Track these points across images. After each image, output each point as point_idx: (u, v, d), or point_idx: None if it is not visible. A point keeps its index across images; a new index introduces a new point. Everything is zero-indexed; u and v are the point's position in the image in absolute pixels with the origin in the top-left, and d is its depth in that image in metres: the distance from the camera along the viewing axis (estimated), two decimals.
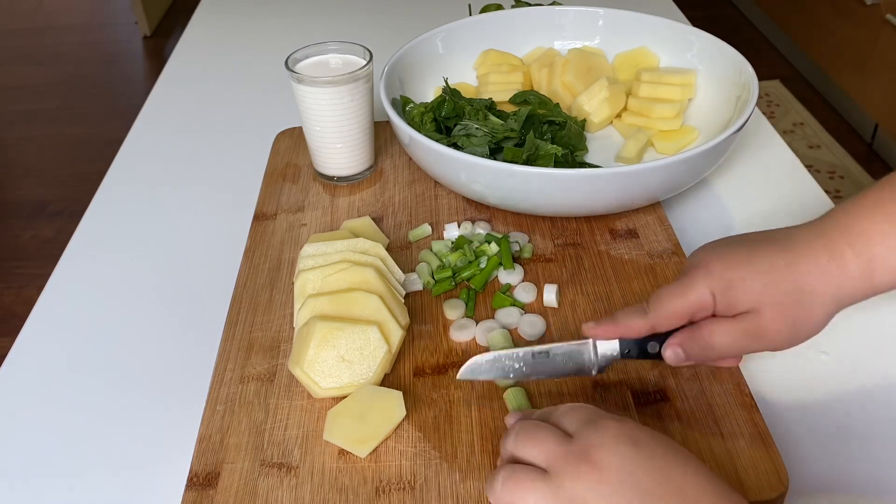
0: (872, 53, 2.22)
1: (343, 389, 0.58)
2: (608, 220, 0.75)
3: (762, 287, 0.50)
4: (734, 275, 0.51)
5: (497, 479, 0.45)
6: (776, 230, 0.54)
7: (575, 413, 0.47)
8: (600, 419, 0.45)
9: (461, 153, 0.70)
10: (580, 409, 0.47)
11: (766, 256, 0.51)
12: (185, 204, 0.87)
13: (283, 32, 1.25)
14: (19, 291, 2.04)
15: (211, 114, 1.05)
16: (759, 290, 0.50)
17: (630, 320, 0.54)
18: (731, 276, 0.51)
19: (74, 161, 2.54)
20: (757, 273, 0.51)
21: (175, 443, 0.60)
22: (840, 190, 2.19)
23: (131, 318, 0.72)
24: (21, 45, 3.34)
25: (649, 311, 0.53)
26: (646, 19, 0.93)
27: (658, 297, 0.53)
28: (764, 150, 0.90)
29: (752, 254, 0.52)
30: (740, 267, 0.51)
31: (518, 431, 0.47)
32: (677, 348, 0.53)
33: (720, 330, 0.52)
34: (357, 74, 0.77)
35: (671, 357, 0.53)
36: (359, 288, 0.61)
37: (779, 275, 0.50)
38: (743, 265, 0.51)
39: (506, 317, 0.65)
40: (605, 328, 0.54)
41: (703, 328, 0.52)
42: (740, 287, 0.51)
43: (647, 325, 0.53)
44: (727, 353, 0.53)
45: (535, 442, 0.45)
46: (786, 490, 0.51)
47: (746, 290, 0.51)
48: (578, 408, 0.47)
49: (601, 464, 0.42)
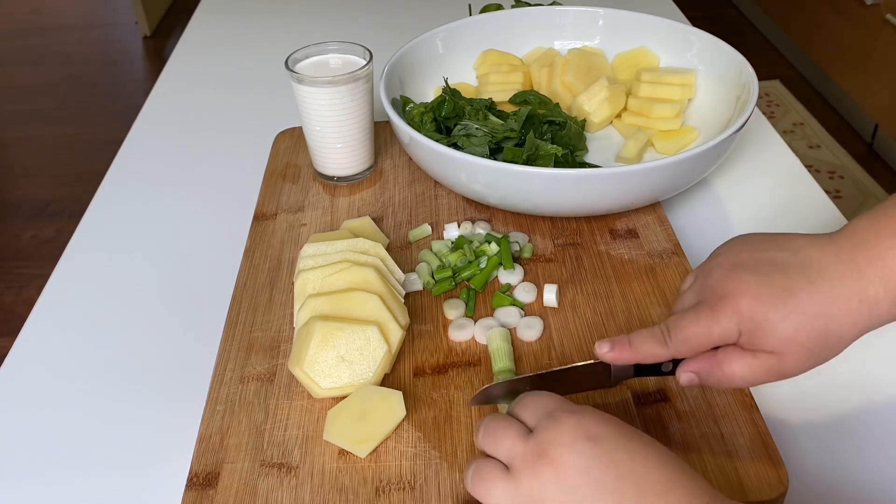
0: (872, 53, 2.22)
1: (343, 389, 0.58)
2: (608, 220, 0.75)
3: (792, 333, 0.48)
4: (765, 318, 0.48)
5: (468, 472, 0.46)
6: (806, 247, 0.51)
7: (534, 405, 0.47)
8: (559, 412, 0.45)
9: (461, 153, 0.70)
10: (539, 401, 0.47)
11: (797, 297, 0.48)
12: (185, 204, 0.87)
13: (283, 32, 1.25)
14: (19, 291, 2.04)
15: (211, 114, 1.05)
16: (788, 336, 0.48)
17: (649, 348, 0.51)
18: (761, 318, 0.48)
19: (74, 161, 2.54)
20: (787, 316, 0.48)
21: (175, 443, 0.60)
22: (840, 190, 2.19)
23: (131, 318, 0.72)
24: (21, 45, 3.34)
25: (670, 342, 0.50)
26: (646, 19, 0.93)
27: (680, 327, 0.50)
28: (764, 150, 0.90)
29: (785, 294, 0.48)
30: (771, 308, 0.48)
31: (484, 427, 0.47)
32: (693, 375, 0.51)
33: (740, 365, 0.50)
34: (357, 74, 0.77)
35: (685, 381, 0.52)
36: (359, 288, 0.61)
37: (809, 321, 0.48)
38: (775, 306, 0.48)
39: (504, 316, 0.65)
40: (621, 352, 0.52)
41: (723, 360, 0.50)
42: (769, 330, 0.48)
43: (667, 355, 0.51)
44: (743, 385, 0.51)
45: (496, 438, 0.46)
46: (786, 490, 0.51)
47: (775, 335, 0.48)
48: (537, 399, 0.47)
49: (558, 461, 0.43)
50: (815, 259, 0.49)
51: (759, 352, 0.49)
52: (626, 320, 0.64)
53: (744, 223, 0.79)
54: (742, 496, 0.51)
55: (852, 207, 2.12)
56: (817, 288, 0.48)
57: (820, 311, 0.48)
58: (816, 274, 0.49)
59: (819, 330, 0.48)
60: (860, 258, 0.49)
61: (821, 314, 0.48)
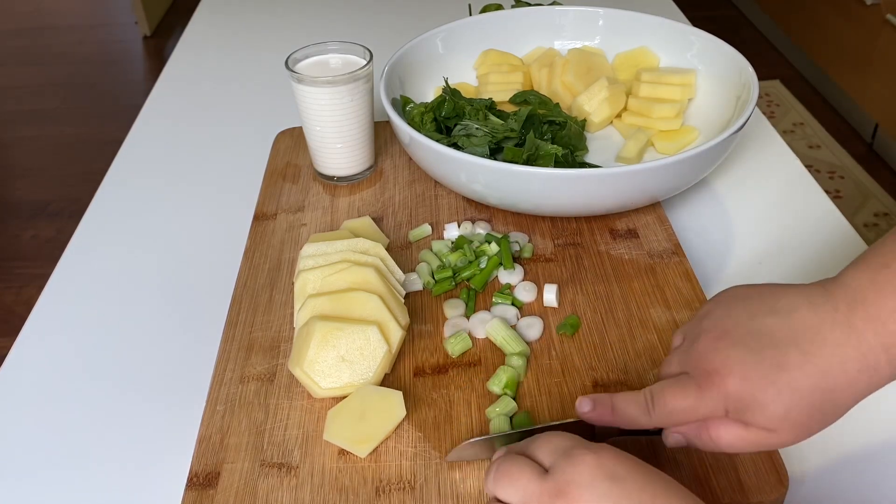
0: (872, 53, 2.22)
1: (343, 389, 0.58)
2: (608, 220, 0.75)
3: (783, 413, 0.44)
4: (753, 399, 0.45)
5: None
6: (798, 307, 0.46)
7: (550, 443, 0.45)
8: (576, 451, 0.43)
9: (461, 153, 0.70)
10: (555, 439, 0.45)
11: (790, 374, 0.44)
12: (185, 204, 0.87)
13: (283, 32, 1.25)
14: (19, 291, 2.04)
15: (211, 114, 1.05)
16: (779, 416, 0.44)
17: (631, 415, 0.48)
18: (749, 400, 0.45)
19: (74, 161, 2.54)
20: (778, 396, 0.44)
21: (175, 443, 0.60)
22: (840, 190, 2.19)
23: (131, 318, 0.72)
24: (21, 45, 3.34)
25: (653, 413, 0.48)
26: (646, 19, 0.93)
27: (664, 399, 0.47)
28: (764, 150, 0.90)
29: (776, 371, 0.44)
30: (760, 389, 0.44)
31: (496, 469, 0.45)
32: (680, 437, 0.49)
33: (729, 434, 0.46)
34: (357, 74, 0.77)
35: (672, 443, 0.49)
36: (359, 288, 0.61)
37: (802, 398, 0.44)
38: (764, 387, 0.44)
39: (501, 313, 0.65)
40: (602, 415, 0.49)
41: (711, 429, 0.47)
42: (759, 410, 0.45)
43: (649, 424, 0.48)
44: (732, 451, 0.48)
45: (510, 480, 0.44)
46: (786, 490, 0.51)
47: (766, 415, 0.45)
48: (553, 437, 0.45)
49: (578, 501, 0.41)
50: (809, 325, 0.45)
51: (750, 425, 0.46)
52: (626, 320, 0.64)
53: (744, 223, 0.79)
54: (742, 496, 0.51)
55: (852, 207, 2.13)
56: (811, 361, 0.44)
57: (815, 385, 0.44)
58: (810, 343, 0.45)
59: (815, 406, 0.45)
60: (858, 320, 0.44)
61: (816, 389, 0.44)
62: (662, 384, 0.48)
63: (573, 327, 0.63)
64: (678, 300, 0.66)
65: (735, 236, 0.78)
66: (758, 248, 0.76)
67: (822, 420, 0.46)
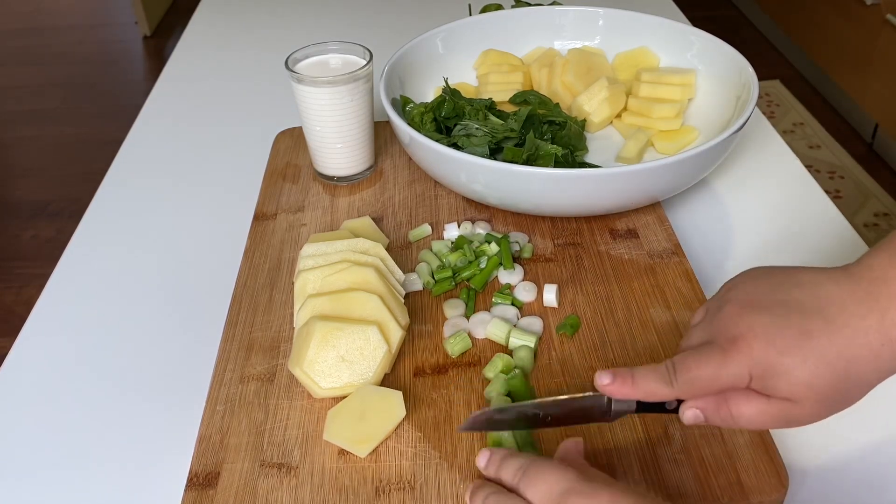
0: (872, 53, 2.22)
1: (343, 389, 0.58)
2: (608, 220, 0.75)
3: (808, 379, 0.44)
4: (779, 363, 0.44)
5: None
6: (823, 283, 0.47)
7: (544, 483, 0.44)
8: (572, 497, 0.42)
9: (461, 153, 0.70)
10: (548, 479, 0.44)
11: (815, 340, 0.44)
12: (185, 204, 0.87)
13: (283, 32, 1.25)
14: (19, 291, 2.04)
15: (211, 114, 1.05)
16: (804, 383, 0.44)
17: (652, 386, 0.47)
18: (775, 363, 0.44)
19: (74, 161, 2.54)
20: (804, 362, 0.44)
21: (175, 443, 0.60)
22: (840, 190, 2.19)
23: (131, 318, 0.72)
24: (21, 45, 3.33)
25: (675, 382, 0.47)
26: (646, 19, 0.93)
27: (686, 366, 0.47)
28: (764, 150, 0.90)
29: (802, 337, 0.45)
30: (787, 353, 0.44)
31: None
32: (699, 412, 0.48)
33: (750, 408, 0.46)
34: (357, 74, 0.77)
35: (690, 418, 0.48)
36: (359, 288, 0.61)
37: (827, 366, 0.44)
38: (791, 351, 0.44)
39: (501, 313, 0.65)
40: (622, 387, 0.48)
41: (731, 402, 0.47)
42: (784, 377, 0.44)
43: (671, 395, 0.47)
44: (751, 428, 0.48)
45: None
46: (786, 490, 0.51)
47: (790, 381, 0.44)
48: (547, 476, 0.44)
49: None
50: (834, 298, 0.46)
51: (771, 398, 0.46)
52: (626, 320, 0.64)
53: (744, 223, 0.79)
54: (742, 496, 0.51)
55: (852, 207, 2.12)
56: (837, 330, 0.45)
57: (840, 354, 0.44)
58: (836, 314, 0.45)
59: (839, 375, 0.44)
60: (882, 297, 0.45)
61: (840, 357, 0.44)
62: (685, 353, 0.48)
63: (573, 327, 0.63)
64: (678, 300, 0.66)
65: (735, 236, 0.78)
66: (758, 248, 0.76)
67: (846, 393, 0.45)
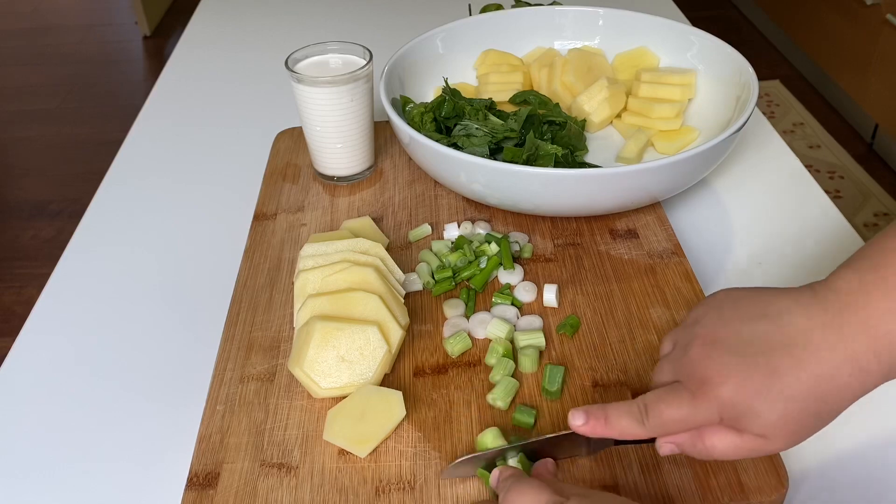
0: (872, 53, 2.22)
1: (343, 389, 0.58)
2: (608, 220, 0.75)
3: (777, 419, 0.44)
4: (748, 407, 0.45)
5: None
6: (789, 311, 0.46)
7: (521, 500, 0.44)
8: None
9: (461, 153, 0.70)
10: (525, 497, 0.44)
11: (783, 381, 0.44)
12: (185, 204, 0.87)
13: (283, 32, 1.25)
14: (19, 291, 2.04)
15: (211, 114, 1.05)
16: (773, 423, 0.45)
17: (625, 425, 0.48)
18: (744, 408, 0.45)
19: (74, 161, 2.54)
20: (773, 404, 0.44)
21: (175, 443, 0.60)
22: (840, 190, 2.19)
23: (131, 317, 0.72)
24: (21, 45, 3.34)
25: (647, 423, 0.47)
26: (646, 19, 0.93)
27: (658, 410, 0.47)
28: (764, 150, 0.90)
29: (769, 378, 0.44)
30: (756, 396, 0.44)
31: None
32: (674, 447, 0.49)
33: (724, 442, 0.47)
34: (357, 74, 0.77)
35: (666, 452, 0.49)
36: (359, 288, 0.61)
37: (796, 404, 0.44)
38: (760, 393, 0.44)
39: (501, 313, 0.65)
40: (595, 427, 0.48)
41: (706, 436, 0.47)
42: (754, 419, 0.45)
43: (644, 434, 0.48)
44: (726, 458, 0.48)
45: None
46: (786, 491, 0.51)
47: (760, 423, 0.45)
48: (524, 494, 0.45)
49: None
50: (801, 330, 0.45)
51: (744, 433, 0.46)
52: (626, 320, 0.64)
53: (744, 223, 0.79)
54: (742, 496, 0.51)
55: (852, 207, 2.13)
56: (804, 367, 0.44)
57: (808, 392, 0.44)
58: (802, 349, 0.45)
59: (807, 411, 0.45)
60: (849, 324, 0.45)
61: (809, 396, 0.44)
62: (656, 394, 0.48)
63: (573, 327, 0.63)
64: (678, 300, 0.66)
65: (735, 236, 0.78)
66: (758, 248, 0.76)
67: (815, 424, 0.46)
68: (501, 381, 0.58)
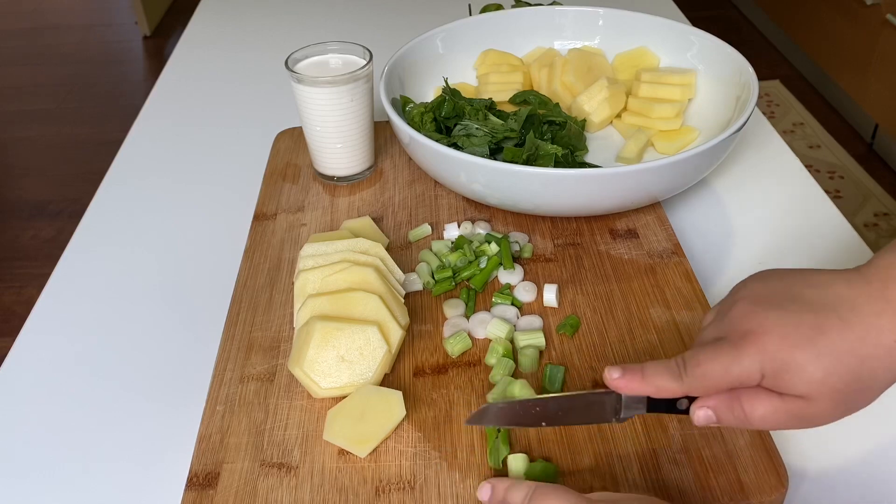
0: (872, 53, 2.22)
1: (343, 389, 0.58)
2: (608, 220, 0.75)
3: (822, 375, 0.44)
4: (792, 359, 0.44)
5: None
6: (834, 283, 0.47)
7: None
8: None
9: (461, 153, 0.70)
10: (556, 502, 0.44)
11: (828, 336, 0.44)
12: (185, 204, 0.87)
13: (283, 32, 1.25)
14: (19, 291, 2.04)
15: (211, 114, 1.05)
16: (818, 379, 0.44)
17: (661, 381, 0.47)
18: (789, 359, 0.44)
19: (74, 161, 2.54)
20: (817, 358, 0.44)
21: (175, 443, 0.60)
22: (840, 190, 2.19)
23: (131, 317, 0.72)
24: (21, 45, 3.34)
25: (685, 377, 0.46)
26: (646, 19, 0.93)
27: (697, 361, 0.46)
28: (764, 150, 0.90)
29: (815, 333, 0.44)
30: (800, 348, 0.44)
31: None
32: (710, 412, 0.47)
33: (763, 407, 0.45)
34: (357, 74, 0.77)
35: (701, 419, 0.47)
36: (359, 288, 0.61)
37: (841, 362, 0.44)
38: (804, 347, 0.44)
39: (501, 313, 0.65)
40: (631, 382, 0.47)
41: (744, 399, 0.46)
42: (797, 373, 0.44)
43: (680, 391, 0.47)
44: (764, 427, 0.46)
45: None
46: (786, 490, 0.51)
47: (804, 378, 0.44)
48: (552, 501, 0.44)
49: None
50: (846, 297, 0.45)
51: (785, 395, 0.45)
52: (626, 320, 0.64)
53: (744, 223, 0.79)
54: (742, 496, 0.51)
55: (852, 207, 2.12)
56: (850, 328, 0.44)
57: (853, 351, 0.44)
58: (848, 311, 0.45)
59: (852, 373, 0.44)
60: (893, 296, 0.45)
61: (854, 355, 0.44)
62: (696, 349, 0.47)
63: (573, 327, 0.63)
64: (678, 300, 0.66)
65: (735, 236, 0.78)
66: (758, 248, 0.76)
67: (859, 392, 0.45)
68: (501, 381, 0.58)
